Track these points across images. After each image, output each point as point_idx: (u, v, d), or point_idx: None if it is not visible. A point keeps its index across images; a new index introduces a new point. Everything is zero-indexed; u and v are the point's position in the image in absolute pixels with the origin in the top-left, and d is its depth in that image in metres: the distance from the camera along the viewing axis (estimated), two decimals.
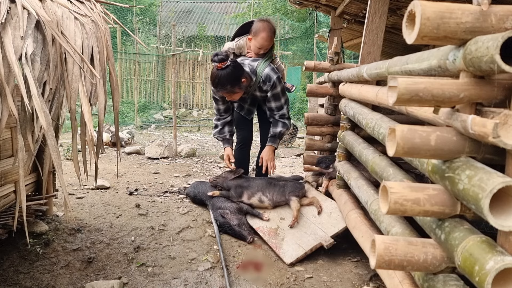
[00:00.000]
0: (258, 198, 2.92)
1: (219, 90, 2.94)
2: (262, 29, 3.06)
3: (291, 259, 2.48)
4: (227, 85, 2.88)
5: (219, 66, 2.83)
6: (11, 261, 2.35)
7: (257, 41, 3.06)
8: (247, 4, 17.39)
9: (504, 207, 0.95)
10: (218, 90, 2.96)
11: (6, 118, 1.47)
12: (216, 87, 2.94)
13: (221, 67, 2.83)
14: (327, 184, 2.99)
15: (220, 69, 2.83)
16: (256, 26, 3.10)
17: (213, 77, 2.91)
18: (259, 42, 3.06)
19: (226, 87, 2.89)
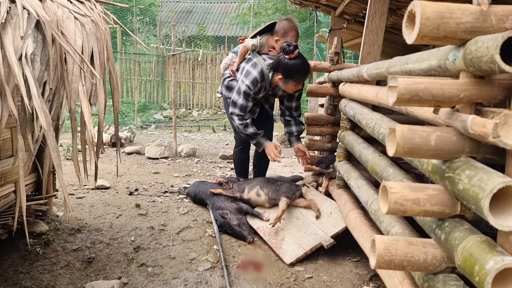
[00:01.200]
0: (256, 191, 2.96)
1: (308, 74, 2.96)
2: (291, 29, 3.09)
3: (291, 259, 2.48)
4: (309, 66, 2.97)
5: (298, 51, 2.87)
6: (11, 261, 2.35)
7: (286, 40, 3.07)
8: (248, 5, 17.39)
9: (504, 207, 0.95)
10: (307, 75, 2.96)
11: (6, 118, 1.47)
12: (307, 72, 2.94)
13: (299, 53, 2.87)
14: (327, 184, 2.99)
15: (298, 56, 2.87)
16: (283, 26, 3.08)
17: (304, 66, 2.89)
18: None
19: (309, 68, 2.97)
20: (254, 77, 2.98)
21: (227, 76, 3.30)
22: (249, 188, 3.00)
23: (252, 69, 3.02)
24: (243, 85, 3.01)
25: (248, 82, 2.98)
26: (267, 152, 3.11)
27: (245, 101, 3.03)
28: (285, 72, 2.88)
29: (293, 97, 3.25)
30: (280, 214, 2.68)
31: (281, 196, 2.79)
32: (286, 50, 2.85)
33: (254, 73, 3.00)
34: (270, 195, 2.90)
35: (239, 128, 3.08)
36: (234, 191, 3.06)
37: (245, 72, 3.04)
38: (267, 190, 2.93)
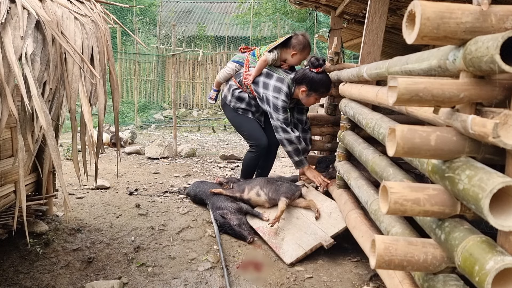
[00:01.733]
0: (256, 191, 2.97)
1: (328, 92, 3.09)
2: (308, 44, 3.19)
3: (291, 259, 2.48)
4: None
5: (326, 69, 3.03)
6: (11, 261, 2.35)
7: (303, 55, 3.17)
8: (248, 5, 17.39)
9: (504, 207, 0.95)
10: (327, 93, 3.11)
11: (6, 118, 1.47)
12: (331, 88, 3.06)
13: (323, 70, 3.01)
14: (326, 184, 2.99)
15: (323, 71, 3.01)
16: (302, 41, 3.15)
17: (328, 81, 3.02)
18: (304, 56, 3.19)
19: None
20: (285, 91, 3.05)
21: (235, 87, 3.30)
22: (249, 188, 3.01)
23: (281, 84, 3.07)
24: (279, 101, 3.04)
25: (283, 97, 3.04)
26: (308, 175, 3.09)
27: (285, 114, 3.08)
28: (310, 85, 3.00)
29: (303, 110, 3.30)
30: (279, 214, 2.68)
31: (280, 196, 2.79)
32: (315, 64, 2.98)
33: (284, 88, 3.06)
34: (270, 195, 2.90)
35: (283, 143, 3.06)
36: (234, 191, 3.07)
37: (274, 87, 3.07)
38: (267, 190, 2.93)
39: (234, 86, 3.30)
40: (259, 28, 16.10)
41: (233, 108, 3.32)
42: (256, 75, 3.17)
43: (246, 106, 3.27)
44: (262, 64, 3.15)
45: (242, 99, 3.26)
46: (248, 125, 3.29)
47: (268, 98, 3.07)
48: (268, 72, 3.16)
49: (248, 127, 3.30)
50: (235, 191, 3.06)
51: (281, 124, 3.05)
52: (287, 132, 3.03)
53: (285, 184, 2.93)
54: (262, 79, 3.14)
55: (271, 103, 3.06)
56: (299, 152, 3.07)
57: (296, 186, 2.96)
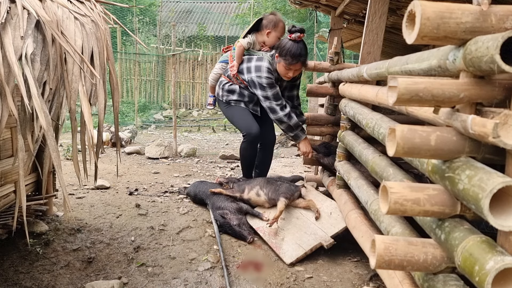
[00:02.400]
0: (256, 191, 2.97)
1: (300, 60, 2.99)
2: (279, 20, 3.24)
3: (291, 259, 2.48)
4: (306, 56, 3.01)
5: (300, 37, 2.96)
6: (11, 261, 2.35)
7: (278, 31, 3.22)
8: (248, 5, 17.39)
9: (504, 207, 0.95)
10: (299, 61, 2.99)
11: (6, 118, 1.47)
12: (297, 58, 2.97)
13: (300, 38, 2.96)
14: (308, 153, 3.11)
15: (299, 40, 2.96)
16: (270, 20, 3.22)
17: (294, 48, 2.95)
18: (280, 32, 3.24)
19: (306, 57, 3.02)
20: (266, 67, 3.07)
21: (225, 82, 3.33)
22: (249, 188, 3.01)
23: (260, 62, 3.11)
24: (262, 79, 3.06)
25: (265, 73, 3.05)
26: (301, 148, 3.20)
27: (273, 89, 3.08)
28: (280, 49, 3.01)
29: (294, 86, 3.33)
30: (278, 214, 2.68)
31: (280, 197, 2.79)
32: (290, 30, 2.99)
33: (264, 64, 3.08)
34: (269, 195, 2.90)
35: (282, 120, 3.09)
36: (234, 191, 3.07)
37: (255, 67, 3.11)
38: (267, 190, 2.93)
39: (224, 81, 3.34)
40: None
41: (225, 101, 3.34)
42: (238, 63, 3.22)
43: (238, 97, 3.28)
44: (238, 51, 3.21)
45: (233, 91, 3.28)
46: (239, 114, 3.31)
47: (253, 80, 3.10)
48: (248, 57, 3.22)
49: (239, 116, 3.31)
50: (235, 191, 3.06)
51: (271, 104, 3.07)
52: (276, 112, 3.08)
53: (284, 184, 2.93)
54: (245, 65, 3.19)
55: (257, 84, 3.09)
56: (291, 128, 3.13)
57: (296, 186, 2.96)
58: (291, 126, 3.11)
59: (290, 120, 3.09)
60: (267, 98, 3.08)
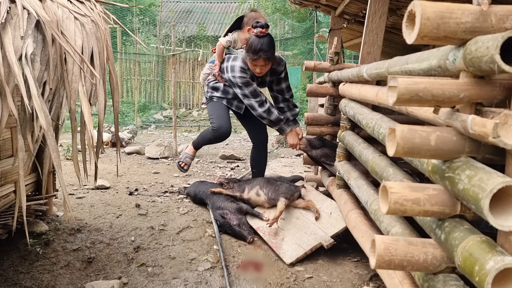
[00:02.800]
0: (255, 191, 2.98)
1: (262, 56, 2.96)
2: (260, 16, 3.25)
3: (291, 259, 2.48)
4: (271, 50, 2.99)
5: (263, 32, 2.95)
6: (11, 261, 2.35)
7: None
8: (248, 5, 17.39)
9: (504, 207, 0.95)
10: (260, 57, 2.96)
11: (6, 118, 1.47)
12: (259, 53, 2.95)
13: (264, 33, 2.96)
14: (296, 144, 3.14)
15: (262, 35, 2.95)
16: (251, 16, 3.24)
17: (255, 43, 2.95)
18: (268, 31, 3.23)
19: (270, 52, 2.98)
20: (239, 66, 3.08)
21: (211, 80, 3.36)
22: (249, 188, 3.01)
23: (234, 62, 3.12)
24: (236, 79, 3.08)
25: (238, 73, 3.07)
26: (288, 140, 3.22)
27: (249, 87, 3.10)
28: (246, 46, 3.03)
29: (281, 80, 3.32)
30: (278, 214, 2.68)
31: (279, 197, 2.79)
32: (253, 26, 3.00)
33: (237, 63, 3.10)
34: (269, 195, 2.90)
35: (262, 116, 3.13)
36: (235, 190, 3.07)
37: (230, 67, 3.13)
38: (267, 190, 2.93)
39: (210, 79, 3.37)
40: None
41: (209, 98, 3.37)
42: (219, 61, 3.25)
43: (221, 94, 3.30)
44: (218, 50, 3.24)
45: (217, 88, 3.31)
46: (217, 110, 3.31)
47: (230, 80, 3.14)
48: (227, 56, 3.24)
49: (216, 112, 3.31)
50: (235, 190, 3.07)
51: (250, 101, 3.10)
52: (254, 109, 3.11)
53: (284, 185, 2.93)
54: (224, 65, 3.22)
55: (233, 83, 3.13)
56: (273, 123, 3.16)
57: (296, 186, 2.96)
58: (272, 121, 3.14)
59: (270, 115, 3.11)
60: (245, 96, 3.11)
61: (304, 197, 2.92)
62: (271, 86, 3.35)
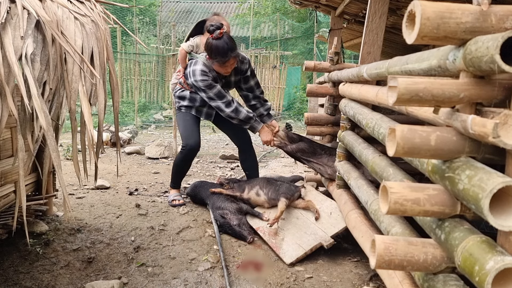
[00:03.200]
0: (255, 191, 2.98)
1: (231, 55, 2.98)
2: (222, 19, 3.28)
3: (291, 259, 2.48)
4: (235, 46, 3.00)
5: (222, 33, 2.94)
6: (11, 261, 2.35)
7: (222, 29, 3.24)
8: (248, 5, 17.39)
9: (504, 207, 0.95)
10: (230, 57, 2.98)
11: (6, 118, 1.47)
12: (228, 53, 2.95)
13: (222, 35, 2.95)
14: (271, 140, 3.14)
15: (221, 37, 2.94)
16: (214, 20, 3.25)
17: (220, 46, 2.93)
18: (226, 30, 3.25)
19: (236, 49, 2.99)
20: (200, 69, 3.06)
21: (178, 89, 3.34)
22: (249, 188, 3.01)
23: (195, 66, 3.11)
24: (198, 83, 3.05)
25: (199, 77, 3.04)
26: (262, 138, 3.18)
27: (213, 89, 3.07)
28: (209, 52, 3.01)
29: (248, 78, 3.32)
30: (278, 214, 2.68)
31: (280, 197, 2.79)
32: (209, 30, 2.99)
33: (197, 67, 3.08)
34: (269, 195, 2.90)
35: (231, 116, 3.10)
36: (235, 190, 3.07)
37: (191, 72, 3.10)
38: (267, 190, 2.93)
39: (177, 88, 3.35)
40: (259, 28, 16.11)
41: (177, 108, 3.36)
42: (183, 67, 3.24)
43: (188, 102, 3.27)
44: (180, 56, 3.24)
45: (184, 97, 3.29)
46: (183, 123, 3.30)
47: (194, 84, 3.11)
48: (190, 61, 3.21)
49: (183, 124, 3.30)
50: (235, 190, 3.07)
51: (216, 103, 3.07)
52: (222, 110, 3.08)
53: (285, 185, 2.93)
54: (187, 70, 3.19)
55: (197, 88, 3.10)
56: (243, 122, 3.12)
57: (296, 186, 2.96)
58: (242, 120, 3.11)
59: (238, 115, 3.09)
60: (211, 99, 3.09)
61: (304, 197, 2.92)
62: (240, 86, 3.33)
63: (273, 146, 3.19)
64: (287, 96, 12.49)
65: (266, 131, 3.17)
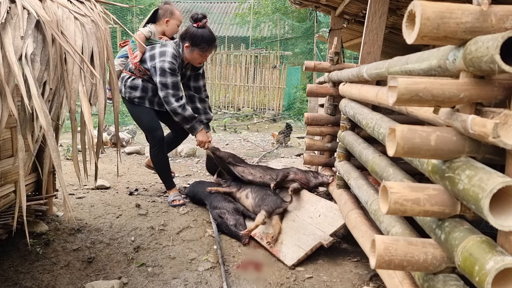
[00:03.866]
0: (246, 193, 2.99)
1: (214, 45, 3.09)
2: (174, 9, 3.32)
3: (292, 261, 2.47)
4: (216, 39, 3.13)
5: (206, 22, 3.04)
6: (11, 261, 2.35)
7: (176, 19, 3.32)
8: (248, 5, 17.40)
9: (504, 207, 0.95)
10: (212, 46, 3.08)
11: (6, 118, 1.47)
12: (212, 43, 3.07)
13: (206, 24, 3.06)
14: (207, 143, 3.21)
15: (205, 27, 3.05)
16: (166, 8, 3.29)
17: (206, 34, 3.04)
18: (178, 20, 3.34)
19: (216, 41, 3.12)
20: (171, 52, 3.07)
21: (127, 77, 3.26)
22: (243, 188, 3.04)
23: (165, 48, 3.10)
24: (165, 63, 3.02)
25: (169, 58, 3.04)
26: (198, 138, 3.17)
27: (174, 77, 3.05)
28: (192, 39, 3.05)
29: (199, 76, 3.38)
30: (252, 227, 2.63)
31: (261, 209, 2.73)
32: (195, 18, 3.06)
33: (169, 49, 3.08)
34: (256, 201, 2.87)
35: (176, 111, 3.05)
36: (232, 187, 3.10)
37: (159, 53, 3.08)
38: (256, 195, 2.91)
39: (126, 76, 3.26)
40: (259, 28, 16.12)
41: (128, 99, 3.27)
42: (141, 52, 3.18)
43: (141, 93, 3.21)
44: (141, 39, 3.19)
45: (136, 87, 3.21)
46: (147, 116, 3.26)
47: (155, 66, 3.06)
48: (151, 46, 3.20)
49: (145, 119, 3.26)
50: (232, 187, 3.09)
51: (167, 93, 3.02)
52: (169, 102, 3.03)
53: (273, 197, 2.85)
54: (148, 54, 3.16)
55: (158, 69, 3.04)
56: (187, 120, 3.09)
57: (283, 201, 2.83)
58: (186, 117, 3.08)
59: (184, 111, 3.06)
60: (164, 86, 3.03)
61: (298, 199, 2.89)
62: (188, 84, 3.34)
63: (207, 148, 3.21)
64: (287, 96, 12.50)
65: (204, 133, 3.19)
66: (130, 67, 3.23)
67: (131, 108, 3.30)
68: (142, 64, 3.17)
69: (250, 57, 12.03)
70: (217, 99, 12.07)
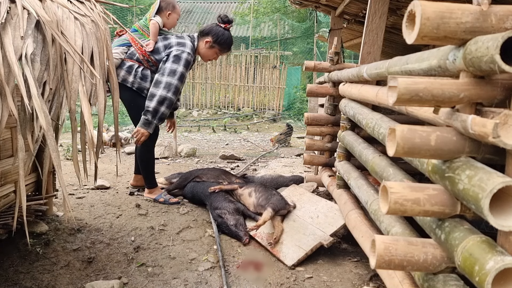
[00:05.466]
0: (249, 191, 3.00)
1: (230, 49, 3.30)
2: (175, 2, 3.36)
3: (293, 261, 2.47)
4: None
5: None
6: (11, 261, 2.35)
7: (176, 12, 3.35)
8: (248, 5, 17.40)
9: (504, 207, 0.95)
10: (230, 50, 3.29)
11: (6, 118, 1.47)
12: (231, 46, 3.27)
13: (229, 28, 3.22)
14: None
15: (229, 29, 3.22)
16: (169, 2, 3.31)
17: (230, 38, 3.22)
18: (178, 13, 3.39)
19: None
20: (190, 45, 3.15)
21: (137, 66, 3.16)
22: (246, 187, 3.04)
23: (183, 40, 3.17)
24: (184, 54, 3.06)
25: (188, 49, 3.10)
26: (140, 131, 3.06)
27: (185, 69, 3.07)
28: (217, 38, 3.17)
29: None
30: (261, 223, 2.63)
31: (268, 206, 2.73)
32: (224, 19, 3.18)
33: (188, 42, 3.16)
34: (259, 200, 2.87)
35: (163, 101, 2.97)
36: (234, 184, 3.12)
37: (177, 43, 3.12)
38: (260, 194, 2.91)
39: (136, 65, 3.15)
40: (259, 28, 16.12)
41: (136, 89, 3.16)
42: (154, 41, 3.17)
43: (149, 84, 3.14)
44: (155, 29, 3.18)
45: (146, 77, 3.15)
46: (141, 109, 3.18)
47: (171, 53, 3.06)
48: (164, 36, 3.22)
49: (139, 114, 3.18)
50: (234, 184, 3.12)
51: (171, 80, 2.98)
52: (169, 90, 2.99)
53: (278, 196, 2.87)
54: (161, 44, 3.15)
55: (173, 56, 3.04)
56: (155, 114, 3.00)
57: (287, 204, 2.85)
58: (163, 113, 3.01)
59: (169, 106, 3.02)
60: (173, 73, 2.99)
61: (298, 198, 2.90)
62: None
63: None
64: (287, 96, 12.51)
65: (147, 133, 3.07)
66: (138, 57, 3.16)
67: (137, 98, 3.17)
68: (153, 54, 3.15)
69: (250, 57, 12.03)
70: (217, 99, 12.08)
